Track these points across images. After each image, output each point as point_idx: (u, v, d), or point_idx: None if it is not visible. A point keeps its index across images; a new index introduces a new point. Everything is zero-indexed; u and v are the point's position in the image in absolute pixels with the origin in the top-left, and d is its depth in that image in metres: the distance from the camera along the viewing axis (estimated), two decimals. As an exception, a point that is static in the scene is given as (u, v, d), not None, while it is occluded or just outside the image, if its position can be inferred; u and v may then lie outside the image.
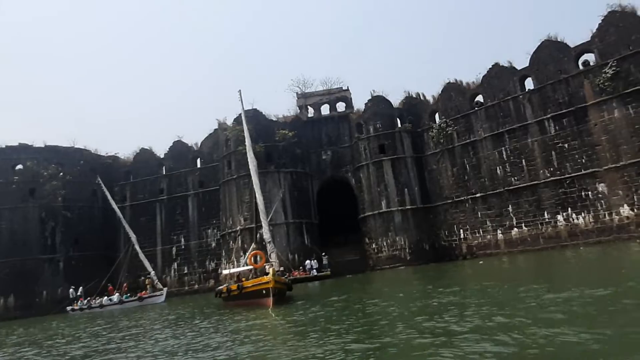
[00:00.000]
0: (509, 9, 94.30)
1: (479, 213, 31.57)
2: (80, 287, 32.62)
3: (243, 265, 23.63)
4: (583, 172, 26.93)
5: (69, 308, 30.20)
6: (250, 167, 20.47)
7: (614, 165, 25.76)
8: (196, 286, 37.30)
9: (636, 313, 6.80)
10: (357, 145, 36.44)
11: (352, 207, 37.23)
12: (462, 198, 32.46)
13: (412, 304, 11.54)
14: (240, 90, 23.74)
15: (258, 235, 31.66)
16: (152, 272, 31.52)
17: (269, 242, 17.33)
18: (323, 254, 33.80)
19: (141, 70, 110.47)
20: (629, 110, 25.35)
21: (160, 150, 41.63)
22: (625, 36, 25.83)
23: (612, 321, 6.43)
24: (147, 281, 32.22)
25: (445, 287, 14.70)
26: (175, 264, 38.25)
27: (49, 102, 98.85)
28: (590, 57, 27.82)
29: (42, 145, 38.24)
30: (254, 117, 35.51)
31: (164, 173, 40.71)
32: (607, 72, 25.98)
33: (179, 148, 40.78)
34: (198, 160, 40.53)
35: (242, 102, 24.16)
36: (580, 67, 27.93)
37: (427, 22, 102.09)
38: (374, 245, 34.29)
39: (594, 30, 27.26)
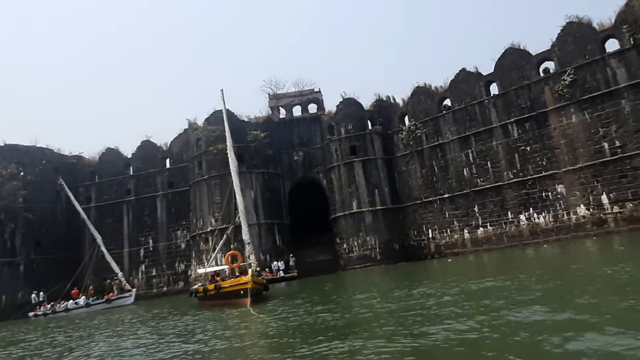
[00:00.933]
0: (476, 16, 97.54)
1: (447, 213, 32.57)
2: (42, 292, 31.41)
3: (219, 265, 23.50)
4: (544, 173, 28.31)
5: (31, 313, 29.03)
6: (231, 167, 20.50)
7: (571, 167, 27.22)
8: (165, 288, 36.64)
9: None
10: (328, 146, 36.84)
11: (323, 208, 37.57)
12: (431, 199, 33.39)
13: (388, 303, 11.93)
14: (222, 90, 23.60)
15: (225, 236, 31.39)
16: (120, 274, 30.79)
17: (248, 243, 17.37)
18: (291, 255, 33.97)
19: (108, 68, 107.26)
20: (585, 115, 26.86)
21: (128, 150, 40.73)
22: (582, 46, 27.37)
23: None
24: (114, 283, 31.43)
25: (419, 284, 15.23)
26: (143, 266, 37.44)
27: (7, 101, 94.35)
28: (550, 65, 29.29)
29: (1, 144, 36.65)
30: (227, 117, 35.25)
31: (132, 173, 39.80)
32: (566, 80, 27.45)
33: (147, 148, 39.95)
34: (167, 161, 39.83)
35: (224, 101, 24.08)
36: (541, 74, 29.35)
37: (397, 27, 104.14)
38: (345, 246, 34.74)
39: (554, 40, 28.73)
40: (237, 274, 18.11)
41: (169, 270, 37.08)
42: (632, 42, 25.37)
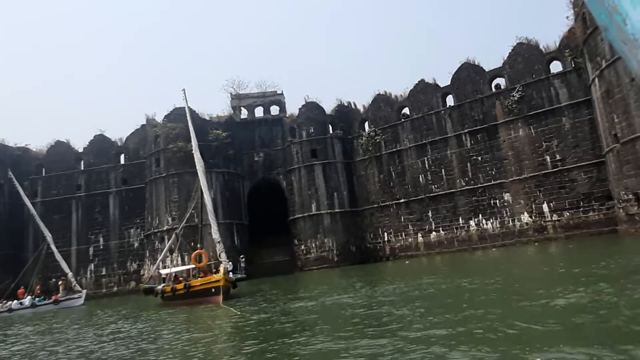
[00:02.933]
0: (435, 30, 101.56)
1: (402, 217, 33.91)
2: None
3: (185, 265, 23.20)
4: (493, 182, 30.26)
5: (-31, 313, 27.08)
6: (197, 167, 20.39)
7: (517, 177, 29.32)
8: (115, 288, 35.40)
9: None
10: (289, 148, 37.22)
11: (282, 209, 37.85)
12: (387, 203, 34.62)
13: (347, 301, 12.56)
14: (184, 90, 23.38)
15: (174, 236, 30.95)
16: (70, 274, 29.43)
17: (219, 241, 17.42)
18: (241, 256, 33.80)
19: (59, 54, 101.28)
20: (531, 130, 29.06)
21: (79, 144, 38.97)
22: (530, 65, 29.61)
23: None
24: (60, 283, 30.02)
25: (386, 282, 16.02)
26: (92, 265, 35.98)
27: None
28: (501, 81, 31.40)
29: (-63, 132, 33.96)
30: (186, 115, 34.73)
31: (82, 168, 38.14)
32: (515, 96, 29.56)
33: (100, 143, 38.44)
34: (122, 157, 38.52)
35: (186, 101, 23.73)
36: (493, 89, 31.39)
37: (360, 35, 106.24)
38: (302, 247, 35.21)
39: (505, 58, 30.86)
40: (200, 273, 18.08)
41: (120, 270, 35.85)
42: (573, 65, 27.81)
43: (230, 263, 32.03)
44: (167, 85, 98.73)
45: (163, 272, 23.60)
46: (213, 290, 14.88)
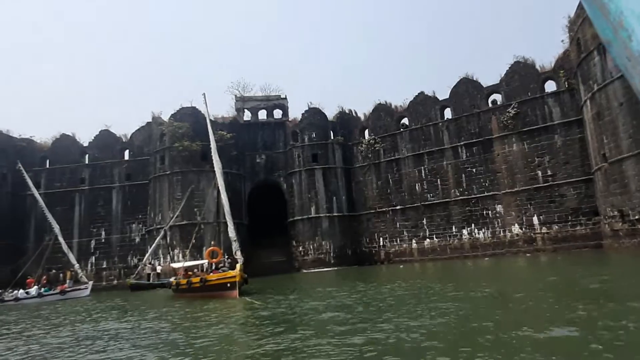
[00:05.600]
0: (436, 44, 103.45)
1: (398, 224, 35.10)
2: (-13, 279, 30.07)
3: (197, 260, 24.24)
4: (486, 194, 31.57)
5: (-26, 301, 27.68)
6: (215, 168, 21.43)
7: (510, 190, 30.66)
8: (115, 282, 36.10)
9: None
10: (291, 152, 38.27)
11: (281, 211, 38.86)
12: (384, 209, 35.80)
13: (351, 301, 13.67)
14: (204, 94, 24.18)
15: (162, 231, 31.93)
16: (77, 265, 30.15)
17: (235, 239, 18.36)
18: (226, 256, 34.30)
19: (68, 56, 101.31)
20: (524, 145, 30.44)
21: (85, 138, 39.67)
22: (526, 83, 31.02)
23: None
24: (67, 273, 30.78)
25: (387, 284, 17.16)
26: (93, 257, 36.68)
27: None
28: (498, 97, 32.77)
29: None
30: (192, 114, 35.74)
31: (87, 162, 38.83)
32: (510, 112, 30.92)
33: (105, 138, 39.17)
34: (126, 152, 39.29)
35: (206, 105, 24.60)
36: (490, 104, 32.76)
37: (363, 45, 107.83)
38: (300, 248, 36.26)
39: (502, 75, 32.24)
40: (211, 269, 19.06)
41: (120, 263, 36.59)
42: (566, 86, 29.24)
43: (229, 260, 33.16)
44: (173, 84, 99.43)
45: (175, 265, 24.48)
46: (229, 285, 15.85)
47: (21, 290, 27.10)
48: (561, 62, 29.92)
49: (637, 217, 21.96)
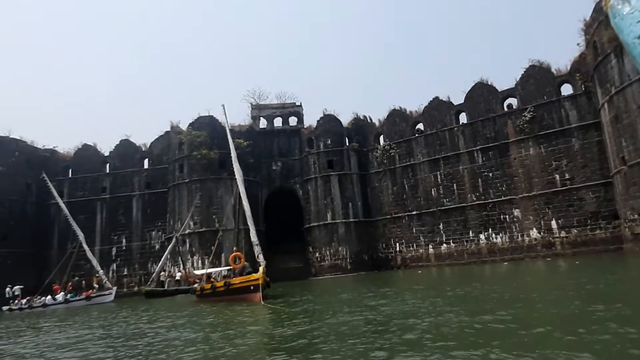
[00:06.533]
0: (450, 49, 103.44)
1: (414, 229, 35.15)
2: (17, 286, 30.97)
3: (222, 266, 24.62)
4: (503, 198, 31.47)
5: (5, 307, 28.58)
6: (237, 176, 21.96)
7: (527, 194, 30.52)
8: (135, 288, 36.77)
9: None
10: (307, 159, 38.67)
11: (297, 217, 39.22)
12: (400, 214, 35.91)
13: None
14: (223, 105, 24.77)
15: (174, 239, 32.51)
16: (101, 271, 30.96)
17: (257, 244, 18.80)
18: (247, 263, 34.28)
19: (88, 64, 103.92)
20: (541, 149, 30.31)
21: (105, 148, 40.69)
22: (542, 87, 30.94)
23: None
24: (94, 278, 31.61)
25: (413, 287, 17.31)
26: (115, 265, 37.49)
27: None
28: (513, 101, 32.71)
29: (-28, 134, 35.82)
30: (210, 123, 36.46)
31: (108, 171, 39.81)
32: (526, 116, 30.86)
33: (125, 147, 40.13)
34: (146, 161, 40.17)
35: (226, 116, 25.17)
36: (505, 108, 32.73)
37: (379, 51, 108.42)
38: (317, 254, 36.53)
39: (517, 79, 32.21)
40: (233, 274, 19.49)
41: (141, 270, 37.31)
42: (583, 89, 29.10)
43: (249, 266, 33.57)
44: (191, 93, 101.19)
45: (198, 272, 25.02)
46: (252, 287, 16.23)
47: (49, 297, 27.90)
48: (577, 65, 29.80)
49: (658, 220, 21.73)
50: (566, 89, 30.71)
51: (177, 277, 33.38)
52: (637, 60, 0.78)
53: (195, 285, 21.31)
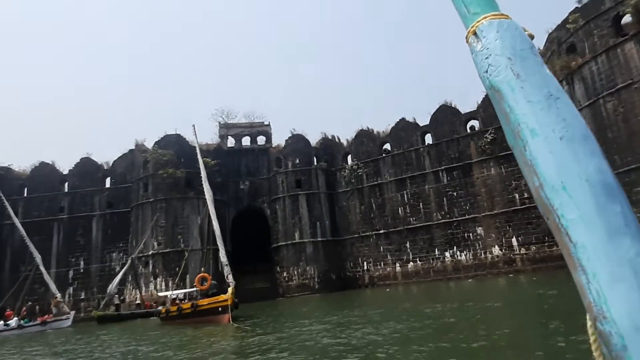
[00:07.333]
0: (418, 72, 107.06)
1: (382, 248, 35.50)
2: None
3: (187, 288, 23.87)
4: (467, 216, 32.41)
5: (-51, 334, 26.44)
6: (207, 197, 21.62)
7: (489, 212, 31.58)
8: (93, 312, 35.03)
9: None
10: (275, 178, 38.57)
11: (264, 237, 38.81)
12: (368, 233, 36.23)
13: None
14: (194, 125, 24.55)
15: (129, 260, 31.50)
16: (59, 295, 29.34)
17: (226, 264, 18.41)
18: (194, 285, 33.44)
19: (48, 83, 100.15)
20: (502, 169, 31.59)
21: (65, 166, 39.10)
22: (501, 110, 32.35)
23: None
24: (52, 300, 29.86)
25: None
26: (71, 288, 35.60)
27: None
28: (476, 123, 34.10)
29: None
30: (177, 142, 35.90)
31: (66, 190, 38.18)
32: (487, 137, 32.18)
33: (86, 165, 38.67)
34: (108, 180, 38.85)
35: (196, 136, 24.84)
36: (468, 130, 34.02)
37: (345, 72, 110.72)
38: (285, 274, 36.14)
39: (479, 102, 33.66)
40: (200, 295, 18.98)
41: (99, 294, 35.51)
42: (539, 113, 30.67)
43: (216, 287, 32.81)
44: (156, 111, 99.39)
45: (163, 294, 24.13)
46: (220, 309, 15.84)
47: (0, 322, 26.11)
48: (533, 90, 31.44)
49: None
50: (523, 113, 32.23)
51: (138, 300, 32.10)
52: (488, 91, 0.95)
53: (160, 307, 20.54)
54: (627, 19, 23.31)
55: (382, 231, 35.59)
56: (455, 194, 33.10)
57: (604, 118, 23.65)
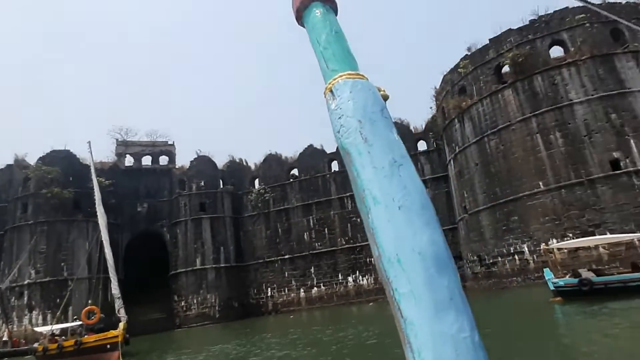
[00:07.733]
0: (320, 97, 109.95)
1: (286, 273, 35.24)
2: None
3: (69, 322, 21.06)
4: (369, 242, 33.49)
5: None
6: (100, 221, 19.41)
7: (389, 238, 33.02)
8: (-52, 353, 29.66)
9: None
10: (177, 200, 36.66)
11: (162, 263, 36.42)
12: (273, 258, 35.79)
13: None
14: (89, 142, 22.12)
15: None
16: None
17: (118, 297, 16.60)
18: (74, 317, 30.80)
19: None
20: (401, 197, 33.41)
21: None
22: (403, 142, 34.44)
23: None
24: None
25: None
26: None
27: None
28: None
29: None
30: (66, 158, 32.69)
31: None
32: (389, 167, 33.94)
33: (-51, 181, 33.37)
34: (-23, 199, 33.79)
35: (91, 154, 22.48)
36: (371, 159, 35.59)
37: (252, 96, 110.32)
38: (183, 303, 34.08)
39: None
40: (85, 331, 16.88)
41: (-43, 331, 30.31)
42: (435, 146, 33.31)
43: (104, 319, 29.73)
44: (41, 121, 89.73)
45: (40, 329, 21.09)
46: (109, 346, 14.22)
47: None
48: (430, 125, 34.17)
49: (491, 261, 25.24)
50: (422, 145, 34.79)
51: (5, 337, 27.87)
52: (341, 151, 0.91)
53: (36, 345, 17.90)
54: (506, 68, 26.48)
55: (287, 256, 35.40)
56: (358, 220, 34.11)
57: (488, 154, 26.26)
